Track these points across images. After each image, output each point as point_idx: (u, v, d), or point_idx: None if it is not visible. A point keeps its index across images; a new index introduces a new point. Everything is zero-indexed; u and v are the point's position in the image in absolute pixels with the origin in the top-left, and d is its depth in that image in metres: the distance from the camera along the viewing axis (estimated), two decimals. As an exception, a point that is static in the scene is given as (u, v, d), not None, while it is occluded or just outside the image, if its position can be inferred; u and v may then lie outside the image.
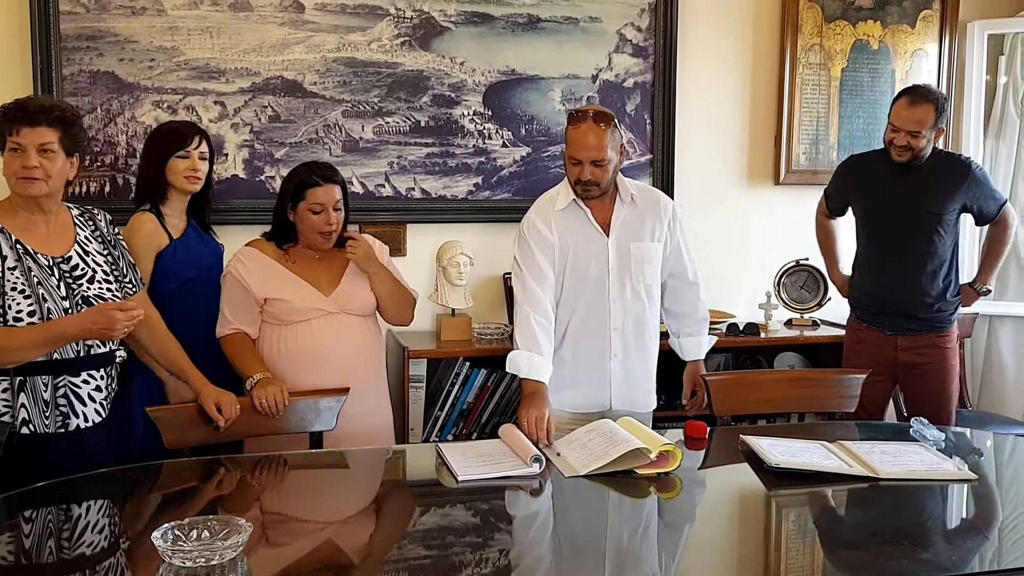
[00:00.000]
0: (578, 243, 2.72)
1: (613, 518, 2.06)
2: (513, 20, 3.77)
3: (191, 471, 2.29)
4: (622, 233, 2.75)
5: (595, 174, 2.63)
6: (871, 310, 3.35)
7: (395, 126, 3.71)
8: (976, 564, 1.80)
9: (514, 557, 1.84)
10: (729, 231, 4.13)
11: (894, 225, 3.26)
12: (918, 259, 3.24)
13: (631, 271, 2.74)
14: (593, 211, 2.74)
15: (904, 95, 3.18)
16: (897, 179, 3.25)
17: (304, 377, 2.62)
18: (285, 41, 3.56)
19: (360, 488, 2.31)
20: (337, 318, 2.68)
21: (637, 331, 2.77)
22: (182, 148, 2.74)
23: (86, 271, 2.32)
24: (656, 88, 3.94)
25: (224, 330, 2.68)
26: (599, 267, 2.72)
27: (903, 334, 3.28)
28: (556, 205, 2.74)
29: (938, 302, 3.26)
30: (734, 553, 1.93)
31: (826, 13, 4.07)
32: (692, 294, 2.93)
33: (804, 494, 2.14)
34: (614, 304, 2.73)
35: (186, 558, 1.63)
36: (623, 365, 2.76)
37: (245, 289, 2.65)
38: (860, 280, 3.42)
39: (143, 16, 3.43)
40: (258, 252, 2.71)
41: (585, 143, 2.60)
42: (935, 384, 3.28)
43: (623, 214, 2.76)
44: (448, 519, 2.04)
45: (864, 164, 3.42)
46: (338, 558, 1.83)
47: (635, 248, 2.74)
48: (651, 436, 2.30)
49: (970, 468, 2.21)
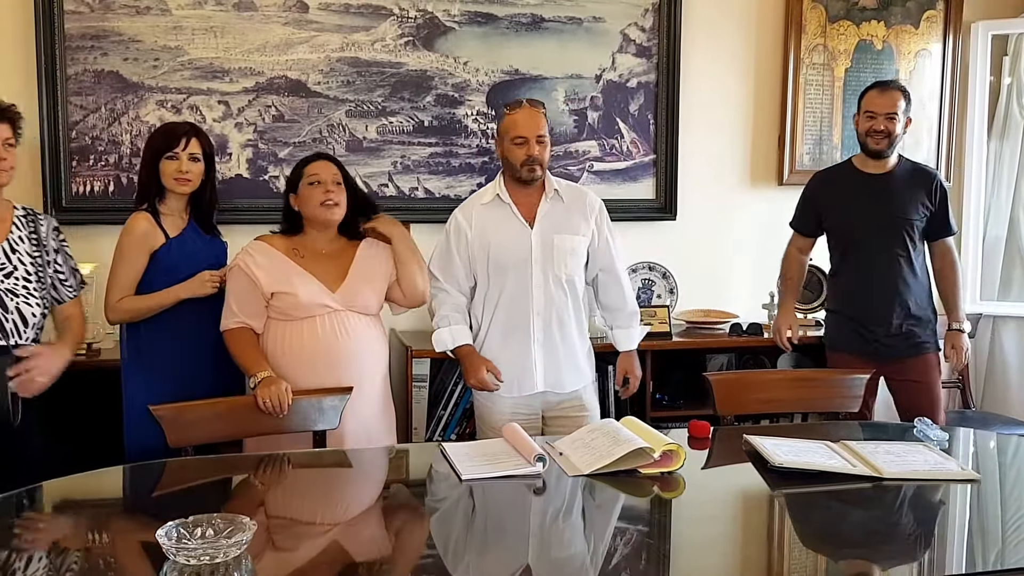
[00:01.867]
0: (500, 235, 2.92)
1: (616, 517, 2.06)
2: (517, 20, 3.77)
3: (193, 470, 2.29)
4: (547, 226, 2.93)
5: (539, 151, 2.87)
6: (850, 334, 3.33)
7: (399, 126, 3.71)
8: (979, 564, 1.80)
9: (518, 556, 1.84)
10: (732, 231, 4.14)
11: (866, 231, 3.27)
12: (893, 268, 3.25)
13: (553, 262, 2.92)
14: (519, 205, 2.94)
15: (873, 87, 3.31)
16: (865, 186, 3.29)
17: (309, 375, 2.62)
18: (289, 41, 3.57)
19: (363, 488, 2.31)
20: (343, 316, 2.68)
21: (558, 318, 2.95)
22: (169, 150, 2.72)
23: (5, 265, 2.45)
24: (660, 88, 3.94)
25: (229, 323, 2.68)
26: (522, 257, 2.91)
27: (885, 361, 3.27)
28: (481, 200, 2.98)
29: (918, 319, 3.27)
30: (737, 553, 1.93)
31: (830, 13, 4.07)
32: (621, 288, 3.10)
33: (808, 494, 2.14)
34: (536, 291, 2.91)
35: (190, 556, 1.63)
36: (544, 348, 2.94)
37: (252, 282, 2.65)
38: (838, 301, 3.42)
39: (147, 16, 3.44)
40: (267, 246, 2.72)
41: (527, 123, 2.87)
42: (925, 399, 3.27)
43: (548, 208, 2.95)
44: (451, 518, 2.05)
45: (831, 176, 3.46)
46: (342, 558, 1.83)
47: (559, 240, 2.93)
48: (654, 436, 2.30)
49: (973, 468, 2.21)
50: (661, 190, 3.99)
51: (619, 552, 1.85)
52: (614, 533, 1.96)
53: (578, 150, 3.90)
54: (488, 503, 2.10)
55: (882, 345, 3.27)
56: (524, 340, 2.93)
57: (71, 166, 3.44)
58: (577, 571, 1.77)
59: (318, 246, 2.74)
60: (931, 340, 3.32)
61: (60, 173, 3.41)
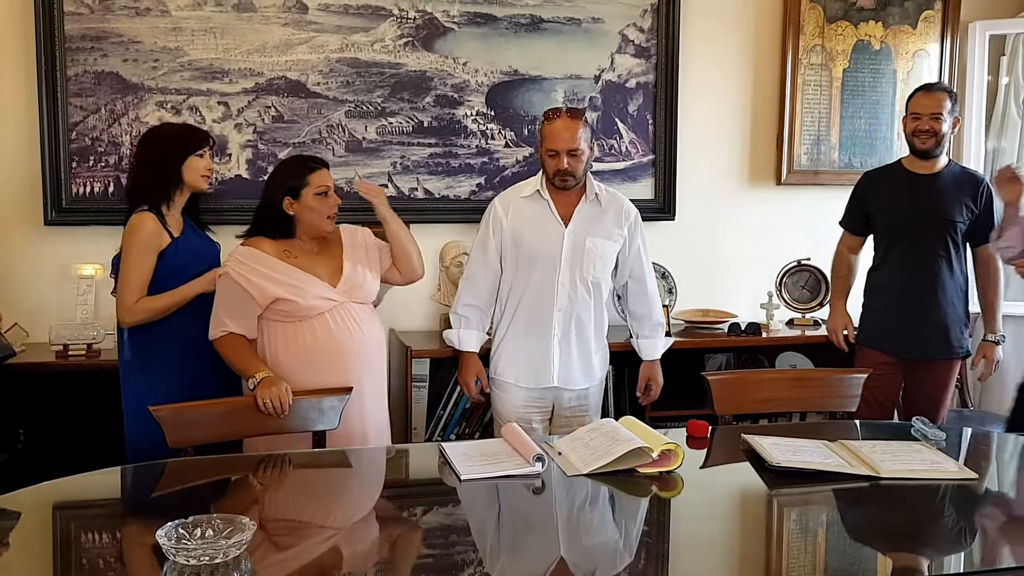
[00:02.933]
0: (533, 230, 2.96)
1: (615, 517, 2.07)
2: (516, 21, 3.78)
3: (194, 470, 2.30)
4: (580, 227, 2.96)
5: (571, 164, 2.87)
6: (884, 333, 3.36)
7: (398, 126, 3.72)
8: (976, 563, 1.80)
9: (516, 556, 1.85)
10: (731, 231, 4.14)
11: (909, 229, 3.30)
12: (933, 267, 3.27)
13: (582, 262, 2.96)
14: (557, 204, 2.97)
15: (919, 89, 3.34)
16: (911, 185, 3.31)
17: (316, 371, 2.63)
18: (288, 41, 3.58)
19: (363, 488, 2.32)
20: (347, 308, 2.70)
21: (578, 317, 3.00)
22: (199, 148, 2.76)
23: None
24: (658, 89, 3.94)
25: (216, 332, 2.65)
26: (552, 254, 2.94)
27: (918, 359, 3.32)
28: (521, 193, 3.01)
29: (952, 321, 3.29)
30: (735, 552, 1.93)
31: (828, 14, 4.08)
32: (647, 298, 3.15)
33: (805, 493, 2.15)
34: (561, 288, 2.96)
35: (190, 556, 1.63)
36: (561, 345, 2.99)
37: (245, 291, 2.62)
38: (875, 296, 3.42)
39: (147, 17, 3.45)
40: (257, 251, 2.68)
41: (561, 136, 2.86)
42: (934, 398, 3.34)
43: (585, 210, 2.97)
44: (451, 518, 2.05)
45: (880, 174, 3.48)
46: (340, 558, 1.84)
47: (590, 243, 2.96)
48: (653, 435, 2.30)
49: (971, 468, 2.22)
50: (660, 190, 4.00)
51: (617, 551, 1.85)
52: (612, 533, 1.96)
53: (577, 150, 3.90)
54: (487, 503, 2.11)
55: (912, 344, 3.30)
56: (545, 334, 2.98)
57: (71, 167, 3.45)
58: (575, 571, 1.77)
59: (307, 246, 2.75)
60: (962, 345, 3.34)
61: (60, 174, 3.41)
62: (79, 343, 3.29)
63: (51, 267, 3.49)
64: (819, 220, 4.20)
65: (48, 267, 3.49)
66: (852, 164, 4.17)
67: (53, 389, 3.29)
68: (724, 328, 3.86)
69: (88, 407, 3.29)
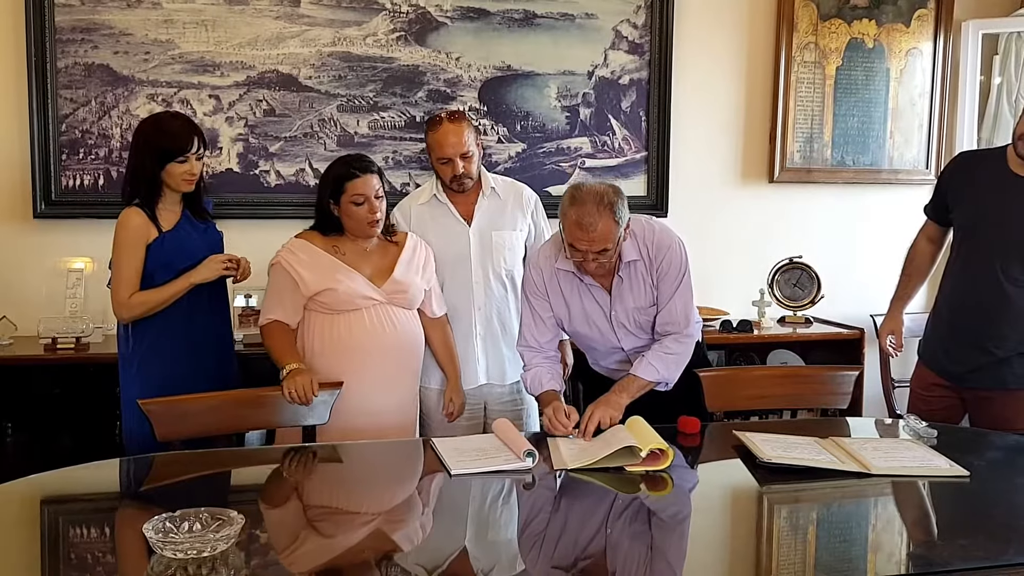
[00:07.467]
0: (437, 234, 2.93)
1: (605, 512, 2.06)
2: (509, 16, 3.77)
3: (182, 464, 2.29)
4: (484, 223, 2.97)
5: (466, 167, 2.87)
6: (939, 349, 2.95)
7: (390, 121, 3.70)
8: (966, 560, 1.80)
9: (505, 551, 1.84)
10: (723, 228, 4.14)
11: (992, 235, 2.80)
12: (1009, 286, 2.77)
13: (492, 257, 2.96)
14: (456, 204, 2.96)
15: None
16: (1007, 186, 2.79)
17: (345, 365, 2.65)
18: (280, 35, 3.56)
19: (360, 483, 2.31)
20: (387, 308, 2.71)
21: (498, 312, 2.99)
22: (181, 154, 2.68)
23: None
24: (652, 85, 3.94)
25: (263, 318, 2.72)
26: (461, 254, 2.94)
27: (968, 389, 2.88)
28: (418, 200, 2.99)
29: (1019, 351, 2.79)
30: (726, 548, 1.93)
31: (821, 11, 4.08)
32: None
33: (796, 489, 2.15)
34: (476, 287, 2.96)
35: (177, 550, 1.62)
36: (485, 342, 2.99)
37: (293, 280, 2.66)
38: (940, 306, 2.98)
39: (138, 9, 3.43)
40: (308, 243, 2.72)
41: (449, 142, 2.84)
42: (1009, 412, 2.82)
43: (485, 206, 2.98)
44: (441, 513, 2.05)
45: (978, 159, 2.98)
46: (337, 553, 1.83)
47: (496, 236, 2.97)
48: (649, 436, 2.29)
49: (962, 465, 2.22)
50: (652, 187, 3.99)
51: (607, 547, 1.85)
52: (601, 529, 1.96)
53: (570, 147, 3.90)
54: (477, 498, 2.10)
55: (968, 370, 2.86)
56: (466, 335, 2.97)
57: (61, 160, 3.43)
58: (562, 567, 1.77)
59: (358, 244, 2.75)
60: None
61: (50, 167, 3.40)
62: (68, 337, 3.27)
63: (40, 260, 3.47)
64: (811, 218, 4.22)
65: (37, 260, 3.47)
66: (845, 162, 4.18)
67: (41, 383, 3.28)
68: (716, 325, 3.86)
69: (77, 401, 3.28)
